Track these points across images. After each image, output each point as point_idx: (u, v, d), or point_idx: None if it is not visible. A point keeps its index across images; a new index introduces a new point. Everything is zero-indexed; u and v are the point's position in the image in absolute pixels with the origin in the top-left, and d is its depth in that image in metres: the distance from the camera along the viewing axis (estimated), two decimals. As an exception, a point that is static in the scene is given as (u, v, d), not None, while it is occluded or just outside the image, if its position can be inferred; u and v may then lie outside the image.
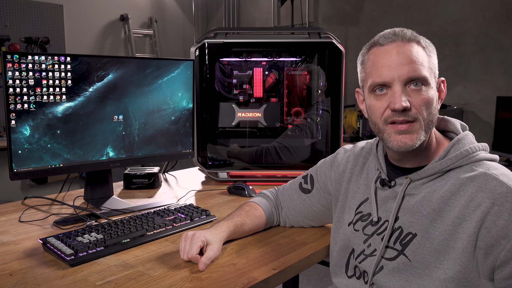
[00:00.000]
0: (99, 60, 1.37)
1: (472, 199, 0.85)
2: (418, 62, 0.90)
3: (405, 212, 0.94)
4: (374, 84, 0.94)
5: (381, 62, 0.93)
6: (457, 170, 0.91)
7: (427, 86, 0.91)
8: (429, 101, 0.91)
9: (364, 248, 0.99)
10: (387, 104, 0.92)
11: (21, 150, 1.25)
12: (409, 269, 0.90)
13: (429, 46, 0.94)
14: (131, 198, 1.58)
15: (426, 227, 0.90)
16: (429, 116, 0.91)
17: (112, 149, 1.44)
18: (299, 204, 1.23)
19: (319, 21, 4.53)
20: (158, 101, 1.53)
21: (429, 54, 0.93)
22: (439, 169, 0.92)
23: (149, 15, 4.81)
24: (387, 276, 0.93)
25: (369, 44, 0.98)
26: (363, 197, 1.05)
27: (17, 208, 1.43)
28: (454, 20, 3.62)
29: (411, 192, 0.95)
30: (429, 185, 0.93)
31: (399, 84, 0.90)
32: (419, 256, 0.89)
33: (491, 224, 0.82)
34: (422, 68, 0.90)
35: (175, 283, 0.92)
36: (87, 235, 1.11)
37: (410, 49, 0.91)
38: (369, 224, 1.00)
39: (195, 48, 1.75)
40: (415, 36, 0.93)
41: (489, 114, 3.47)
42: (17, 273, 0.96)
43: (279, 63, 1.95)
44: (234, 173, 1.83)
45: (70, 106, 1.33)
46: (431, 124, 0.93)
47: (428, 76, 0.91)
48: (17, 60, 1.22)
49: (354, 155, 1.13)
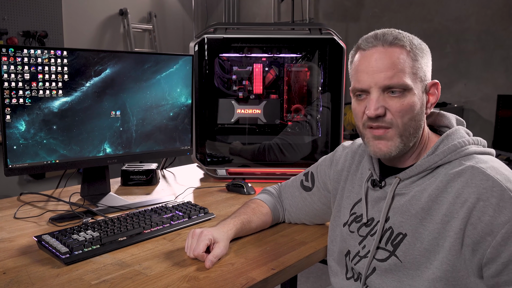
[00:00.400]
0: (97, 54, 1.34)
1: (459, 195, 0.83)
2: (397, 68, 0.87)
3: (395, 212, 0.92)
4: (354, 89, 0.94)
5: (360, 67, 0.92)
6: (446, 166, 0.88)
7: (407, 92, 0.88)
8: (408, 108, 0.88)
9: (359, 249, 0.98)
10: (364, 109, 0.92)
11: (16, 145, 1.23)
12: (401, 270, 0.89)
13: (416, 49, 0.90)
14: (128, 195, 1.56)
15: (415, 226, 0.88)
16: (407, 123, 0.89)
17: (109, 145, 1.42)
18: (300, 201, 1.21)
19: (320, 17, 4.50)
20: (157, 96, 1.51)
21: (414, 58, 0.89)
22: (427, 166, 0.90)
23: (148, 9, 4.78)
24: (380, 277, 0.92)
25: (355, 46, 0.96)
26: (357, 198, 1.03)
27: (12, 204, 1.41)
28: (456, 17, 3.60)
29: (401, 191, 0.93)
30: (419, 183, 0.91)
31: (376, 90, 0.89)
32: (410, 257, 0.88)
33: (476, 220, 0.80)
34: (402, 74, 0.87)
35: (172, 283, 0.90)
36: (83, 232, 1.09)
37: (390, 55, 0.88)
38: (363, 225, 0.99)
39: (195, 43, 1.72)
40: (398, 39, 0.89)
41: (489, 112, 3.46)
42: (11, 271, 0.94)
43: (279, 59, 1.92)
44: (233, 170, 1.82)
45: (66, 101, 1.30)
46: (412, 130, 0.90)
47: (410, 82, 0.88)
48: (13, 54, 1.20)
49: (351, 153, 1.12)
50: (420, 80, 0.90)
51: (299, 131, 1.92)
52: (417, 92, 0.89)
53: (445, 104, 3.50)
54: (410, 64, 0.88)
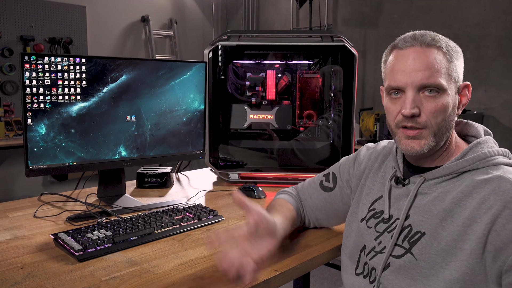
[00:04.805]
0: (113, 61, 1.41)
1: (484, 201, 0.84)
2: (434, 68, 0.90)
3: (416, 211, 0.93)
4: (389, 87, 0.96)
5: (397, 66, 0.94)
6: (473, 173, 0.90)
7: (442, 92, 0.90)
8: (442, 109, 0.91)
9: (375, 245, 0.99)
10: (400, 108, 0.93)
11: (36, 148, 1.30)
12: (415, 268, 0.90)
13: (452, 51, 0.93)
14: (143, 196, 1.62)
15: (435, 226, 0.89)
16: (441, 123, 0.91)
17: (125, 148, 1.48)
18: (320, 202, 1.21)
19: (338, 23, 4.51)
20: (170, 102, 1.56)
21: (450, 59, 0.92)
22: (454, 169, 0.91)
23: (169, 16, 4.88)
24: (393, 274, 0.93)
25: (391, 46, 0.99)
26: (378, 195, 1.05)
27: (33, 204, 1.48)
28: (476, 23, 3.56)
29: (424, 191, 0.94)
30: (443, 185, 0.92)
31: (412, 90, 0.91)
32: (426, 255, 0.89)
33: (501, 227, 0.80)
34: (438, 75, 0.90)
35: (177, 281, 0.94)
36: (97, 231, 1.14)
37: (427, 55, 0.90)
38: (381, 221, 1.00)
39: (209, 50, 1.77)
40: (435, 41, 0.92)
41: (510, 119, 3.40)
42: (28, 266, 1.00)
43: (292, 66, 1.95)
44: (245, 174, 1.85)
45: (84, 106, 1.37)
46: (444, 130, 0.93)
47: (445, 82, 0.90)
48: (34, 61, 1.27)
49: (375, 153, 1.14)
50: (454, 81, 0.93)
51: (311, 137, 1.94)
52: (451, 93, 0.92)
53: (465, 111, 3.45)
54: (445, 65, 0.91)
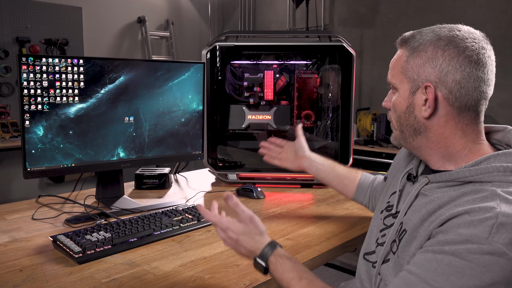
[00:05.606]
0: (111, 62, 1.40)
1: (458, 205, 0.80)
2: (392, 66, 0.94)
3: (412, 210, 0.93)
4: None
5: None
6: (477, 185, 0.81)
7: (395, 91, 0.93)
8: (395, 106, 0.94)
9: (378, 236, 1.01)
10: None
11: (34, 149, 1.29)
12: (398, 266, 0.88)
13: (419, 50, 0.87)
14: (141, 198, 1.61)
15: (416, 226, 0.87)
16: (398, 119, 0.94)
17: (123, 149, 1.47)
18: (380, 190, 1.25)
19: (335, 24, 4.51)
20: (169, 103, 1.56)
21: (407, 58, 0.88)
22: (455, 177, 0.84)
23: (166, 17, 4.87)
24: (390, 268, 0.92)
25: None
26: (395, 189, 1.05)
27: (31, 206, 1.47)
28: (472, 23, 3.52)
29: (425, 192, 0.91)
30: (444, 190, 0.87)
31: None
32: (404, 253, 0.87)
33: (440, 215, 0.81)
34: (392, 73, 0.93)
35: (178, 283, 0.94)
36: (96, 233, 1.13)
37: (397, 53, 0.94)
38: (390, 215, 1.01)
39: (206, 51, 1.77)
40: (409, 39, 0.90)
41: (507, 118, 3.40)
42: (27, 269, 0.99)
43: (290, 66, 1.95)
44: (244, 175, 1.85)
45: (82, 108, 1.36)
46: (407, 127, 0.92)
47: (395, 81, 0.92)
48: (32, 63, 1.26)
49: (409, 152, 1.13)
50: (410, 81, 0.89)
51: (309, 137, 1.94)
52: (402, 92, 0.91)
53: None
54: (402, 64, 0.90)
